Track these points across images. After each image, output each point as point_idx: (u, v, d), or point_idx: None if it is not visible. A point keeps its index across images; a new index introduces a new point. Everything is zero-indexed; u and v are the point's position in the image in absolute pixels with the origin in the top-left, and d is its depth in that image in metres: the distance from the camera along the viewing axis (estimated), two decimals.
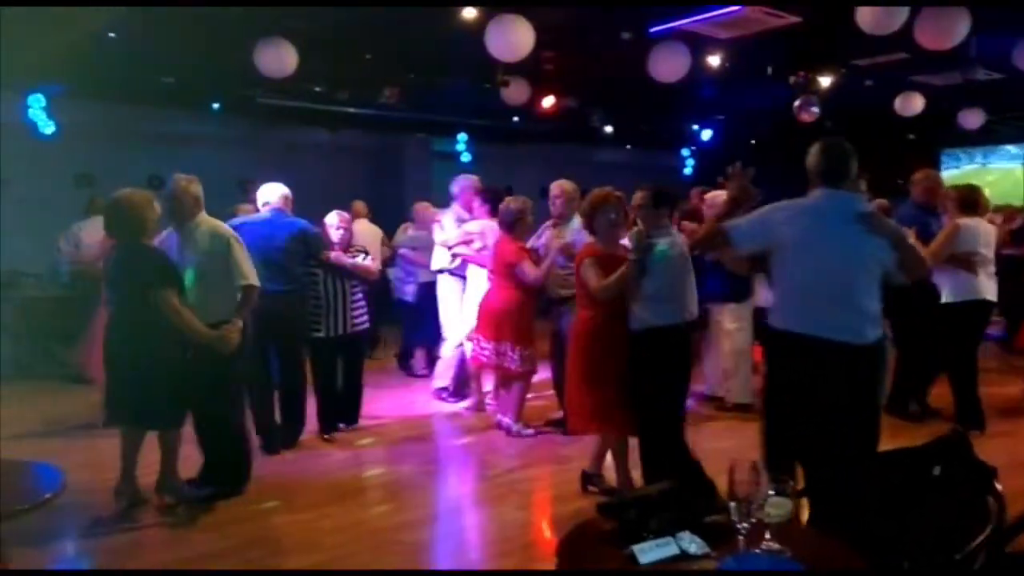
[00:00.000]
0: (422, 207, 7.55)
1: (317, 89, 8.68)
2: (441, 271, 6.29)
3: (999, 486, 2.18)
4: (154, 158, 9.56)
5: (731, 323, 5.93)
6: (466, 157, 12.52)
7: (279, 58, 6.59)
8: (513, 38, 5.97)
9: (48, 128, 9.06)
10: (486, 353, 5.33)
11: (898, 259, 3.15)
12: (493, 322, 5.28)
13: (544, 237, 5.43)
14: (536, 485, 4.65)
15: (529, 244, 5.41)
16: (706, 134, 12.73)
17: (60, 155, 9.37)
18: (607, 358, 3.87)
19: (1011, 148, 12.33)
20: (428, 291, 6.68)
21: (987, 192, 6.08)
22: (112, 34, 6.62)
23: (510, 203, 5.30)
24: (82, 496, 3.81)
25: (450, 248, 6.07)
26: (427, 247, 6.67)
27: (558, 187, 5.42)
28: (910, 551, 2.07)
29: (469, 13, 6.11)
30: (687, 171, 15.25)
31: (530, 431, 5.33)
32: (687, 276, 3.82)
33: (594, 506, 2.11)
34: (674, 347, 3.78)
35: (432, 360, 6.92)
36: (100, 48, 6.91)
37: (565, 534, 2.03)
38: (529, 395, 5.53)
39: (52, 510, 2.86)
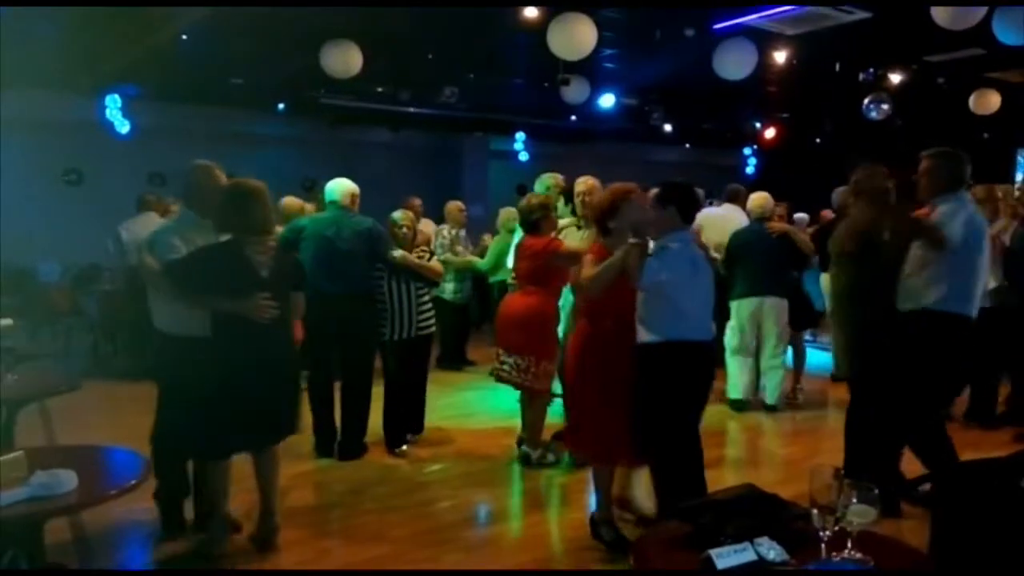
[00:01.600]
0: (454, 206, 7.56)
1: (380, 89, 8.81)
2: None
3: None
4: (222, 158, 9.72)
5: None
6: (524, 156, 12.55)
7: (344, 59, 6.71)
8: (575, 37, 5.95)
9: (124, 127, 9.43)
10: (505, 369, 4.65)
11: None
12: (515, 332, 4.63)
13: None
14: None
15: None
16: (769, 133, 12.48)
17: (135, 154, 9.74)
18: (619, 375, 3.33)
19: None
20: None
21: None
22: (184, 36, 6.83)
23: (531, 199, 4.63)
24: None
25: None
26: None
27: (586, 183, 4.78)
28: (998, 569, 1.99)
29: (531, 12, 6.11)
30: (749, 170, 14.99)
31: (552, 458, 4.72)
32: (697, 285, 3.25)
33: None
34: (683, 365, 3.22)
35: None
36: (173, 51, 7.14)
37: (638, 537, 2.01)
38: None
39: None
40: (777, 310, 5.92)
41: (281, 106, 9.76)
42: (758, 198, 6.15)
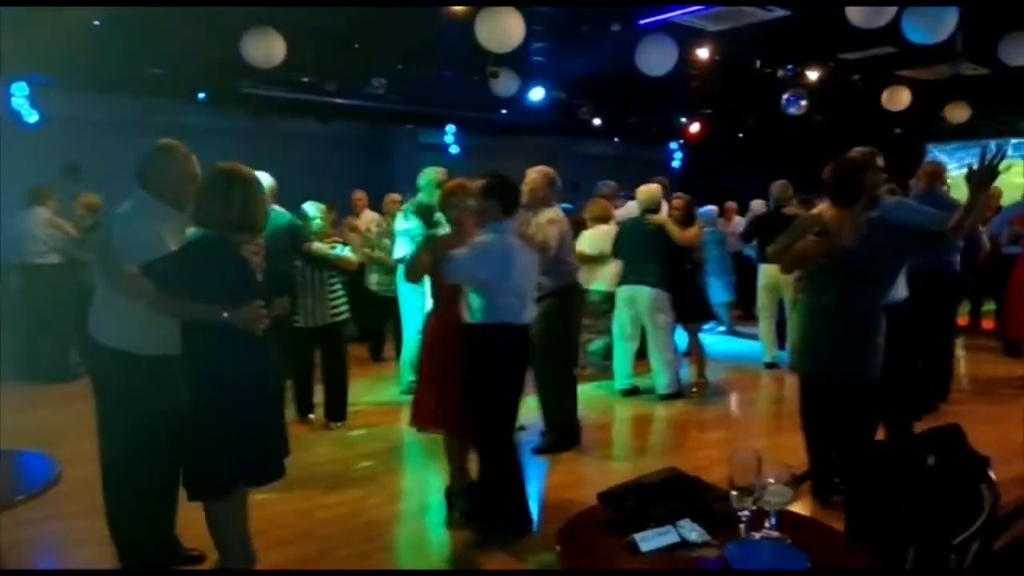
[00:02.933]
0: (390, 199, 7.66)
1: (305, 79, 8.63)
2: (402, 260, 5.98)
3: (992, 475, 2.21)
4: (142, 149, 9.51)
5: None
6: (454, 149, 12.51)
7: (267, 48, 6.56)
8: (503, 29, 5.96)
9: (32, 117, 8.97)
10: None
11: None
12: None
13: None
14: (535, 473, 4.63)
15: None
16: (694, 127, 12.77)
17: (46, 146, 9.27)
18: (451, 355, 3.60)
19: (997, 141, 12.43)
20: None
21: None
22: (97, 22, 6.54)
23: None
24: None
25: None
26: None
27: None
28: (907, 541, 2.09)
29: (458, 4, 6.09)
30: (675, 164, 15.31)
31: None
32: (507, 276, 3.41)
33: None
34: (497, 345, 3.46)
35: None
36: (85, 37, 6.83)
37: (565, 523, 2.03)
38: None
39: None
40: (650, 300, 6.01)
41: (202, 95, 9.46)
42: (643, 191, 6.32)
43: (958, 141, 12.69)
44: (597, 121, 11.70)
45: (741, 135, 13.14)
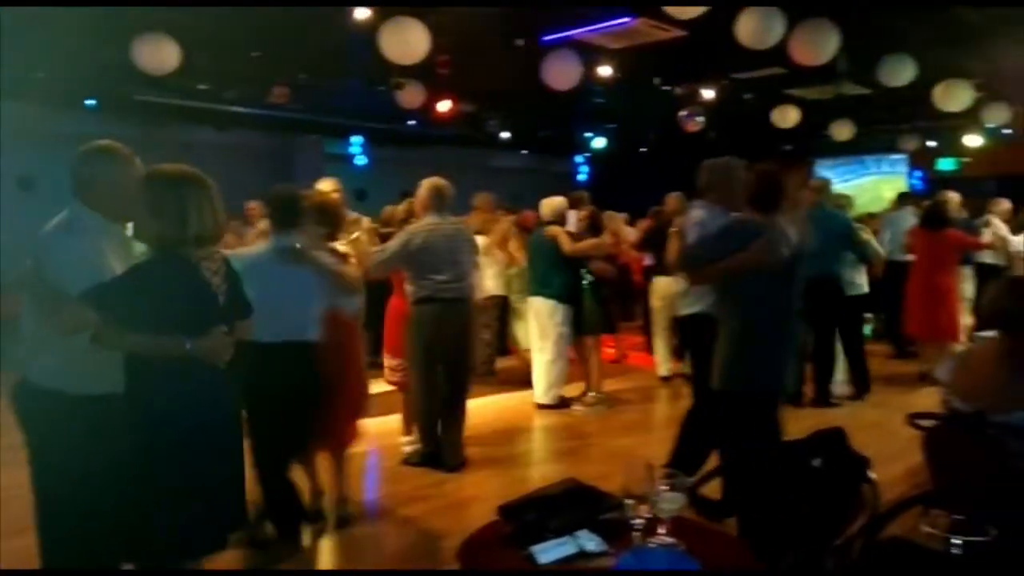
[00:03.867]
0: (252, 208, 7.59)
1: (202, 87, 8.34)
2: None
3: (873, 475, 2.34)
4: (27, 158, 8.98)
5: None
6: (361, 160, 12.34)
7: (159, 54, 6.30)
8: (407, 40, 5.94)
9: None
10: (399, 373, 5.01)
11: None
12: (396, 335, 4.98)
13: None
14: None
15: None
16: (599, 142, 13.06)
17: None
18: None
19: (880, 159, 13.26)
20: None
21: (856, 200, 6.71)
22: None
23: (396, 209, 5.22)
24: None
25: None
26: None
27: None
28: (794, 542, 2.18)
29: (362, 13, 6.02)
30: (581, 177, 15.60)
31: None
32: (267, 292, 2.98)
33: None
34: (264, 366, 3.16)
35: None
36: None
37: (466, 538, 2.02)
38: None
39: None
40: (545, 310, 6.18)
41: (92, 102, 8.99)
42: (546, 203, 6.48)
43: (843, 157, 13.46)
44: (505, 134, 11.81)
45: (644, 149, 13.53)
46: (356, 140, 12.13)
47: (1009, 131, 10.62)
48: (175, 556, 2.40)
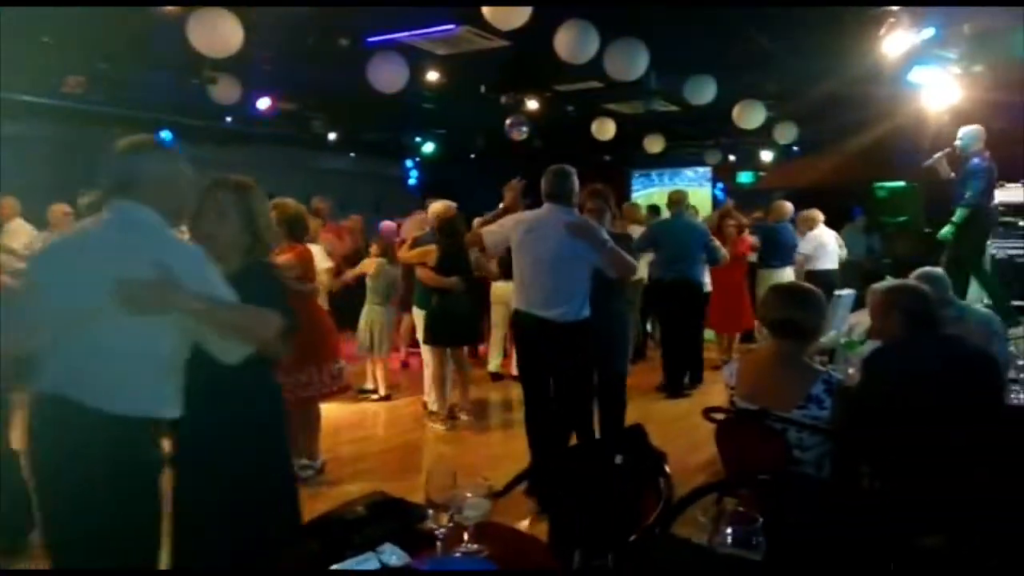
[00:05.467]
0: (59, 209, 7.05)
1: None
2: None
3: (668, 469, 2.48)
4: None
5: None
6: None
7: None
8: (219, 33, 5.62)
9: None
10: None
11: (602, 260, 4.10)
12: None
13: None
14: None
15: None
16: (428, 147, 13.04)
17: None
18: None
19: (688, 172, 14.24)
20: None
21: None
22: None
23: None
24: None
25: None
26: None
27: None
28: (591, 540, 2.26)
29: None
30: (411, 182, 15.51)
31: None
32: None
33: None
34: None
35: None
36: None
37: (279, 559, 1.92)
38: None
39: None
40: (418, 322, 6.40)
41: None
42: (431, 209, 6.50)
43: (657, 168, 14.35)
44: (332, 135, 11.49)
45: (473, 156, 13.67)
46: (165, 136, 11.30)
47: (797, 148, 11.79)
48: None
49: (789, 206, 8.69)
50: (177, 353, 2.16)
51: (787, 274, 8.07)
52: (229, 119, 10.26)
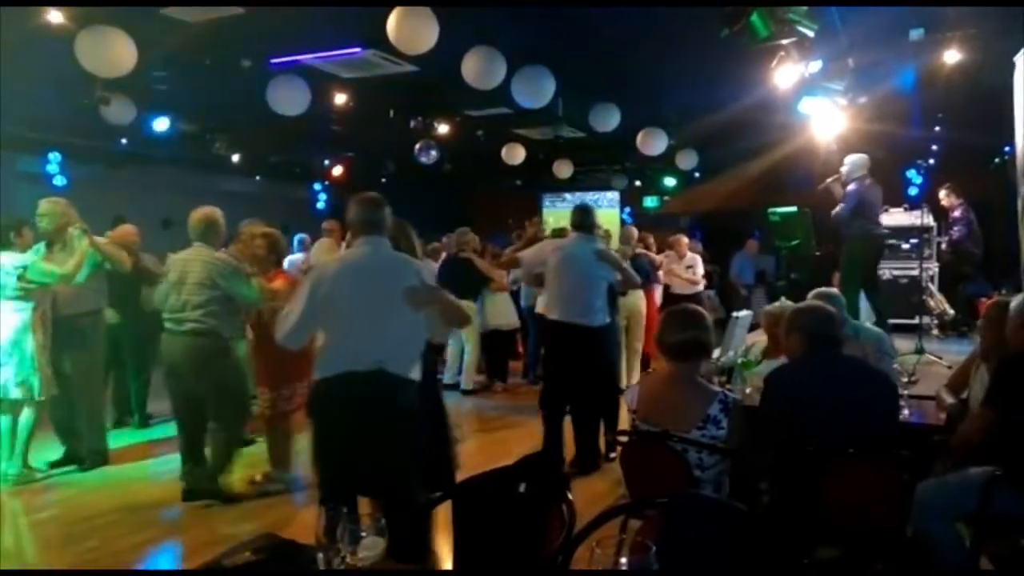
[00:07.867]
0: None
1: None
2: None
3: (571, 495, 2.46)
4: None
5: None
6: (60, 180, 10.91)
7: None
8: (110, 52, 5.36)
9: None
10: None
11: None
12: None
13: None
14: None
15: None
16: (337, 170, 12.84)
17: None
18: None
19: (594, 195, 14.52)
20: None
21: None
22: None
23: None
24: None
25: None
26: None
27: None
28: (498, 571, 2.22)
29: (55, 18, 5.33)
30: (320, 205, 15.22)
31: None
32: None
33: None
34: None
35: None
36: None
37: None
38: None
39: None
40: None
41: None
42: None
43: (566, 192, 14.59)
44: (236, 157, 11.16)
45: (384, 179, 13.54)
46: (54, 157, 10.71)
47: (698, 174, 12.21)
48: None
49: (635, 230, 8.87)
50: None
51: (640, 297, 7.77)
52: (124, 140, 9.81)
